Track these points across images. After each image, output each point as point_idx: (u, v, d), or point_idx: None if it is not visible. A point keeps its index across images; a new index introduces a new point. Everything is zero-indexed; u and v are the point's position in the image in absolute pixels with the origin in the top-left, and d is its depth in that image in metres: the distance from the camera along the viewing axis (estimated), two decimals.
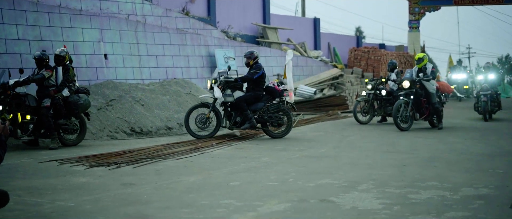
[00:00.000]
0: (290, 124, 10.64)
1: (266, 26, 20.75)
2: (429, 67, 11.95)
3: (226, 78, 10.31)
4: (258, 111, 10.36)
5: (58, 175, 6.47)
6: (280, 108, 10.52)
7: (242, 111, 10.15)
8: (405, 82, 11.66)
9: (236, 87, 10.34)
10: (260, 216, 4.51)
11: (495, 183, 5.90)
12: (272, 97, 10.49)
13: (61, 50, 9.56)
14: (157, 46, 14.75)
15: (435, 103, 11.84)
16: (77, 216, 4.50)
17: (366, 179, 6.12)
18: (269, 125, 10.48)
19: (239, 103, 10.16)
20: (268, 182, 6.04)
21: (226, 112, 10.37)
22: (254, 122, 10.18)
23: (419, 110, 11.82)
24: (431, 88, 11.81)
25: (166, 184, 5.93)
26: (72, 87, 9.45)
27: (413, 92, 11.60)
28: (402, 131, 11.32)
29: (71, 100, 9.27)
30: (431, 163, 7.33)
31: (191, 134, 10.13)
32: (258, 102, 10.34)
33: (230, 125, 10.30)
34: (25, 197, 5.26)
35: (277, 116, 10.46)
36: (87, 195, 5.33)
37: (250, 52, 10.60)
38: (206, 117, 10.16)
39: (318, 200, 5.10)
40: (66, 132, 9.38)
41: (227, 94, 10.27)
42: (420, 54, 12.52)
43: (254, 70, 10.31)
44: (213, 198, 5.19)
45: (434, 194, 5.31)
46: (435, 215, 4.48)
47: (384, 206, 4.83)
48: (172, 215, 4.51)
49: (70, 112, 9.32)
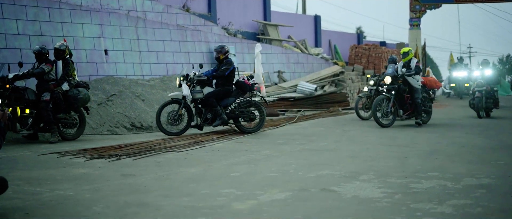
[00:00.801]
0: (262, 118, 10.46)
1: (267, 23, 20.72)
2: (414, 61, 11.64)
3: (198, 77, 10.08)
4: (229, 106, 10.19)
5: (57, 167, 6.45)
6: (251, 102, 10.35)
7: (212, 107, 9.98)
8: (387, 77, 11.30)
9: (205, 83, 10.15)
10: (260, 204, 4.48)
11: (497, 173, 5.87)
12: (243, 91, 10.32)
13: (61, 44, 9.54)
14: (157, 42, 14.73)
15: (417, 98, 11.43)
16: (76, 205, 4.47)
17: (367, 170, 6.09)
18: (241, 120, 10.30)
19: (208, 99, 9.96)
20: (268, 173, 6.01)
21: (196, 109, 10.16)
22: (225, 118, 10.01)
23: (403, 106, 11.45)
24: (416, 83, 11.45)
25: (166, 175, 5.90)
26: (72, 81, 9.42)
27: (395, 87, 11.22)
28: (384, 127, 10.96)
29: (71, 94, 9.23)
30: (432, 155, 7.30)
31: (162, 130, 9.84)
32: (229, 97, 10.17)
33: (201, 122, 10.07)
34: (24, 186, 5.24)
35: (249, 111, 10.29)
36: (87, 185, 5.30)
37: (220, 46, 10.40)
38: (178, 113, 9.92)
39: (319, 189, 5.07)
40: (66, 126, 9.35)
41: (196, 90, 10.06)
42: (405, 48, 12.14)
43: (225, 66, 10.10)
44: (213, 188, 5.16)
45: (436, 184, 5.28)
46: (436, 203, 4.45)
47: (386, 195, 4.80)
48: (172, 203, 4.48)
49: (69, 106, 9.29)
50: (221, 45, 10.50)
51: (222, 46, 10.42)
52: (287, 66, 19.58)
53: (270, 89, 17.57)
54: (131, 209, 4.28)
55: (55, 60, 9.45)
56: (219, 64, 10.31)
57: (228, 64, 10.18)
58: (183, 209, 4.28)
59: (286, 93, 17.29)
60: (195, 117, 10.19)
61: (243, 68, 17.51)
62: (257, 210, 4.27)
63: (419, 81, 11.61)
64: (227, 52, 10.36)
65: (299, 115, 14.10)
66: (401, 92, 11.31)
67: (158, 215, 4.09)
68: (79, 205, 4.44)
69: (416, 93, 11.46)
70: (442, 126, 11.78)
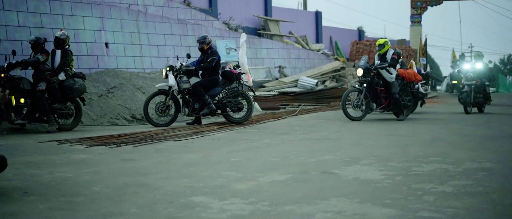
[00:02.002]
0: (250, 108, 10.42)
1: (268, 18, 20.70)
2: (389, 53, 11.15)
3: (185, 67, 10.03)
4: (216, 96, 10.15)
5: (57, 153, 6.44)
6: (239, 92, 10.30)
7: (200, 96, 9.92)
8: (359, 70, 10.90)
9: (192, 73, 10.10)
10: (260, 184, 4.46)
11: (498, 158, 5.85)
12: (230, 81, 10.28)
13: (61, 33, 9.52)
14: (158, 36, 14.71)
15: (394, 93, 10.94)
16: (75, 185, 4.45)
17: (368, 156, 6.06)
18: (229, 110, 10.28)
19: (196, 89, 9.92)
20: (269, 158, 5.99)
21: (184, 99, 10.11)
22: (213, 107, 9.97)
23: (376, 100, 11.06)
24: (389, 76, 10.99)
25: (166, 160, 5.88)
26: (69, 72, 9.36)
27: (367, 80, 10.83)
28: (353, 121, 10.59)
29: (66, 84, 9.16)
30: (434, 143, 7.28)
31: (150, 122, 9.80)
32: (216, 87, 10.14)
33: (188, 112, 10.03)
34: (23, 169, 5.22)
35: (237, 101, 10.27)
36: (86, 168, 5.28)
37: (203, 37, 10.35)
38: (166, 104, 9.87)
39: (320, 172, 5.05)
40: (61, 117, 9.29)
41: (183, 81, 10.02)
42: (381, 40, 11.65)
43: (212, 57, 10.07)
44: (213, 171, 5.14)
45: (437, 167, 5.25)
46: (437, 184, 4.42)
47: (386, 176, 4.78)
48: (171, 184, 4.46)
49: (65, 97, 9.22)
50: (203, 36, 10.45)
51: (205, 37, 10.37)
52: (288, 62, 19.56)
53: (271, 84, 17.56)
54: (130, 189, 4.26)
55: (53, 50, 9.42)
56: (203, 55, 10.26)
57: (213, 54, 10.14)
58: (183, 189, 4.26)
59: (287, 88, 17.28)
60: (183, 108, 10.13)
61: None
62: (257, 189, 4.24)
63: (394, 74, 11.11)
64: (210, 42, 10.35)
65: (300, 109, 14.08)
66: (374, 85, 10.90)
67: (157, 194, 4.07)
68: (78, 186, 4.42)
69: (392, 87, 10.99)
70: (443, 119, 11.77)
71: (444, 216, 3.39)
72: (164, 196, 4.02)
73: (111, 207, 3.66)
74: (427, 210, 3.55)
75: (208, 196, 4.00)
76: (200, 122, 10.36)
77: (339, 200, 3.87)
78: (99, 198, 3.96)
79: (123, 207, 3.66)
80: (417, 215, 3.43)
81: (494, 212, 3.52)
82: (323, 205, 3.72)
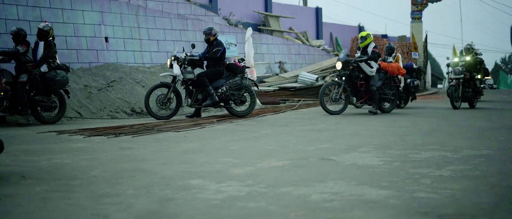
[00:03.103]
0: (253, 102, 10.40)
1: (268, 14, 20.69)
2: (371, 46, 10.99)
3: (190, 57, 10.04)
4: (220, 88, 10.14)
5: (56, 142, 6.44)
6: (242, 85, 10.29)
7: (204, 87, 9.92)
8: (338, 63, 10.81)
9: (196, 64, 10.09)
10: (258, 169, 4.46)
11: (496, 146, 5.84)
12: (234, 74, 10.28)
13: (45, 25, 9.34)
14: (158, 30, 14.71)
15: (372, 86, 10.84)
16: (73, 170, 4.45)
17: (367, 144, 6.06)
18: (231, 102, 10.26)
19: (200, 79, 9.92)
20: (267, 146, 5.99)
21: (187, 90, 10.10)
22: (216, 98, 9.95)
23: (356, 93, 10.96)
24: (369, 70, 10.87)
25: (164, 148, 5.88)
26: (52, 64, 9.19)
27: (346, 73, 10.71)
28: (331, 114, 10.51)
29: (48, 76, 9.01)
30: (433, 133, 7.28)
31: (151, 114, 9.78)
32: (220, 79, 10.14)
33: (191, 102, 10.03)
34: (21, 156, 5.23)
35: (240, 94, 10.26)
36: (84, 156, 5.28)
37: (209, 29, 10.37)
38: (167, 97, 9.84)
39: (318, 159, 5.04)
40: (44, 109, 9.14)
41: (188, 71, 10.00)
42: (363, 33, 11.40)
43: (217, 48, 10.08)
44: (211, 157, 5.13)
45: (435, 154, 5.25)
46: (435, 168, 4.42)
47: (384, 162, 4.77)
48: (169, 169, 4.46)
49: (47, 89, 9.06)
50: (209, 27, 10.47)
51: (211, 28, 10.40)
52: (288, 57, 19.55)
53: (271, 79, 17.56)
54: (128, 174, 4.26)
55: (37, 42, 9.29)
56: (209, 47, 10.28)
57: (218, 45, 10.16)
58: (180, 173, 4.26)
59: (287, 83, 17.27)
60: (186, 99, 10.11)
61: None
62: (254, 174, 4.24)
63: (375, 67, 10.98)
64: (216, 34, 10.38)
65: (300, 103, 14.07)
66: (353, 78, 10.79)
67: (155, 178, 4.07)
68: (75, 171, 4.42)
69: (371, 80, 10.91)
70: (442, 113, 11.75)
71: (441, 197, 3.39)
72: (161, 179, 4.02)
73: (108, 189, 3.66)
74: (424, 191, 3.55)
75: (205, 180, 4.00)
76: (199, 115, 10.36)
77: (336, 182, 3.86)
78: (96, 181, 3.96)
79: (120, 189, 3.66)
80: (413, 195, 3.43)
81: (491, 193, 3.51)
82: (320, 187, 3.71)
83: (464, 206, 3.14)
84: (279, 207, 3.15)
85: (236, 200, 3.32)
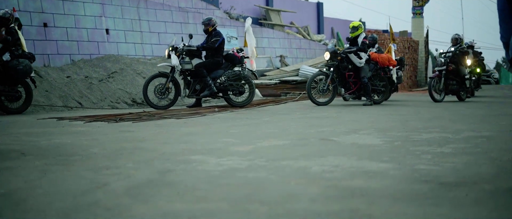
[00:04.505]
0: (252, 92, 10.35)
1: (269, 8, 20.67)
2: (361, 37, 10.77)
3: (188, 47, 9.96)
4: (218, 78, 10.08)
5: (56, 126, 6.44)
6: (241, 75, 10.23)
7: (202, 77, 9.87)
8: (326, 53, 10.66)
9: (194, 54, 10.01)
10: (258, 148, 4.44)
11: (497, 129, 5.83)
12: (232, 64, 10.22)
13: (4, 12, 9.00)
14: (159, 23, 14.70)
15: (363, 77, 10.65)
16: (73, 148, 4.44)
17: (368, 128, 6.05)
18: (230, 93, 10.22)
19: (198, 70, 9.86)
20: (268, 130, 5.98)
21: (185, 80, 10.03)
22: (214, 89, 9.90)
23: (345, 84, 10.84)
24: (358, 61, 10.65)
25: (165, 131, 5.87)
26: (15, 52, 8.82)
27: (334, 64, 10.56)
28: (319, 106, 10.34)
29: (10, 65, 8.66)
30: (434, 119, 7.27)
31: (149, 104, 9.70)
32: (218, 69, 10.07)
33: (189, 93, 9.98)
34: (22, 137, 5.22)
35: (239, 84, 10.20)
36: (85, 137, 5.28)
37: (208, 19, 10.30)
38: (166, 87, 9.75)
39: (318, 139, 5.03)
40: (9, 99, 8.84)
41: (186, 61, 9.91)
42: (355, 23, 11.18)
43: (215, 38, 10.02)
44: (212, 138, 5.13)
45: (436, 136, 5.23)
46: (436, 147, 4.40)
47: (385, 142, 4.76)
48: (169, 148, 4.45)
49: (9, 78, 8.70)
50: (208, 18, 10.40)
51: (210, 19, 10.33)
52: (289, 51, 19.54)
53: (272, 73, 17.54)
54: (128, 151, 4.25)
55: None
56: (208, 37, 10.22)
57: (217, 35, 10.09)
58: (181, 151, 4.25)
59: (288, 76, 17.25)
60: (184, 89, 10.06)
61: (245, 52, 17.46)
62: (254, 151, 4.23)
63: (364, 59, 10.74)
64: (215, 25, 10.30)
65: (301, 95, 14.06)
66: (341, 69, 10.63)
67: (155, 154, 4.05)
68: (75, 148, 4.41)
69: (361, 71, 10.71)
70: (444, 103, 11.73)
71: (442, 168, 3.37)
72: (162, 155, 4.01)
73: (108, 163, 3.65)
74: (425, 164, 3.53)
75: (206, 155, 3.99)
76: (200, 105, 10.34)
77: (337, 157, 3.85)
78: (96, 157, 3.95)
79: (120, 163, 3.65)
80: (414, 167, 3.41)
81: (492, 166, 3.50)
82: (320, 161, 3.70)
83: (465, 176, 3.12)
84: (279, 177, 3.14)
85: (236, 172, 3.31)
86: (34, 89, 9.20)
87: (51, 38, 11.97)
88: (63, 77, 10.95)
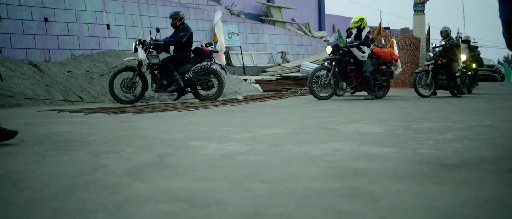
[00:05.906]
0: (221, 86, 10.25)
1: (270, 5, 20.64)
2: (365, 31, 10.64)
3: (154, 41, 9.74)
4: (186, 73, 9.97)
5: (57, 117, 6.42)
6: (209, 70, 10.12)
7: (169, 72, 9.72)
8: (328, 47, 10.58)
9: (162, 48, 9.84)
10: (258, 135, 4.42)
11: (499, 119, 5.80)
12: (201, 58, 10.08)
13: None
14: (160, 18, 14.68)
15: (365, 72, 10.57)
16: (73, 136, 4.42)
17: (369, 118, 6.03)
18: (198, 88, 10.12)
19: (165, 64, 9.70)
20: (269, 120, 5.96)
21: (152, 75, 9.87)
22: (181, 84, 9.76)
23: (346, 79, 10.77)
24: (361, 55, 10.56)
25: (165, 122, 5.85)
26: None
27: (336, 58, 10.47)
28: (320, 100, 10.22)
29: None
30: (436, 111, 7.24)
31: (114, 98, 9.47)
32: (186, 64, 9.93)
33: (156, 88, 9.81)
34: (22, 126, 5.19)
35: (207, 79, 10.09)
36: (85, 126, 5.26)
37: (176, 12, 10.07)
38: (132, 81, 9.52)
39: (319, 128, 5.01)
40: None
41: (153, 55, 9.72)
42: (356, 17, 10.96)
43: (183, 33, 9.82)
44: (212, 127, 5.10)
45: (438, 125, 5.21)
46: (438, 134, 4.37)
47: (386, 130, 4.74)
48: (169, 136, 4.42)
49: None
50: (176, 11, 10.15)
51: (177, 12, 10.10)
52: (291, 48, 19.50)
53: (273, 69, 17.51)
54: (128, 138, 4.23)
55: None
56: (176, 31, 10.07)
57: (184, 30, 9.88)
58: (181, 138, 4.23)
59: (289, 72, 17.21)
60: (152, 84, 9.91)
61: (246, 48, 17.45)
62: (255, 138, 4.21)
63: (367, 52, 10.66)
64: (183, 18, 10.08)
65: (302, 91, 14.03)
66: (343, 63, 10.55)
67: (155, 141, 4.03)
68: (75, 136, 4.39)
69: (364, 65, 10.63)
70: (444, 98, 11.70)
71: (444, 152, 3.35)
72: (162, 142, 3.99)
73: (107, 148, 3.63)
74: (426, 149, 3.51)
75: (206, 141, 3.97)
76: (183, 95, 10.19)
77: (338, 143, 3.83)
78: (96, 143, 3.93)
79: (120, 148, 3.63)
80: (416, 152, 3.39)
81: (494, 150, 3.47)
82: (322, 146, 3.68)
83: (467, 158, 3.10)
84: (280, 159, 3.12)
85: (237, 155, 3.29)
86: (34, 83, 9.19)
87: (52, 33, 11.95)
88: (63, 71, 10.93)
